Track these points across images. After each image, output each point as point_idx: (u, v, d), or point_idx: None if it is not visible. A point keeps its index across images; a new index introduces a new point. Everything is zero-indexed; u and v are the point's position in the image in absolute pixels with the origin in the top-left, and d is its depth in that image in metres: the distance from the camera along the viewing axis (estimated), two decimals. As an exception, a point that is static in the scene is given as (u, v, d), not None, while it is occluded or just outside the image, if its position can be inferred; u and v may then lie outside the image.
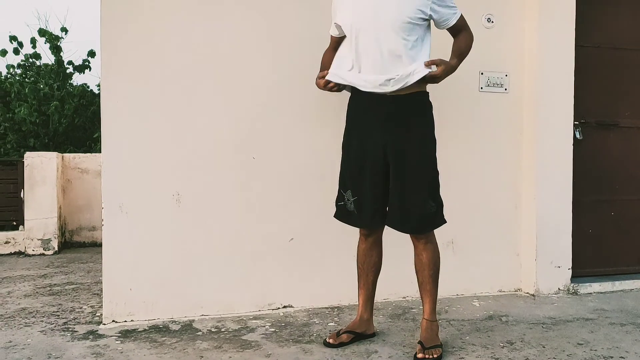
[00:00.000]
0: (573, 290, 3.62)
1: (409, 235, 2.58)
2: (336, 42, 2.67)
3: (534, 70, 3.56)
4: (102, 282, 3.06)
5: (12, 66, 11.62)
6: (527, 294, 3.60)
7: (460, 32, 2.60)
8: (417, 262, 2.61)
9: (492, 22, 3.56)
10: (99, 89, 11.50)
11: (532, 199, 3.57)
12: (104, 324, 2.99)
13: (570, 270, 3.62)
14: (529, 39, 3.60)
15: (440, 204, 2.55)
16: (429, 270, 2.58)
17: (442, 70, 2.46)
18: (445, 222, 2.58)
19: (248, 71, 3.17)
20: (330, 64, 2.63)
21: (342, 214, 2.66)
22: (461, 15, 2.56)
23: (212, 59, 3.12)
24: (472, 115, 3.53)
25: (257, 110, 3.18)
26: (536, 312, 3.22)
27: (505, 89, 3.61)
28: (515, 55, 3.62)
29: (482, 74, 3.55)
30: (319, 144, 3.25)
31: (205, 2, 3.10)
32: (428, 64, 2.45)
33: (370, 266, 2.71)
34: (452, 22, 2.55)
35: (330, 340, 2.64)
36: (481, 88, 3.56)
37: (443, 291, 2.85)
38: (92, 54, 11.60)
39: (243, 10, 3.16)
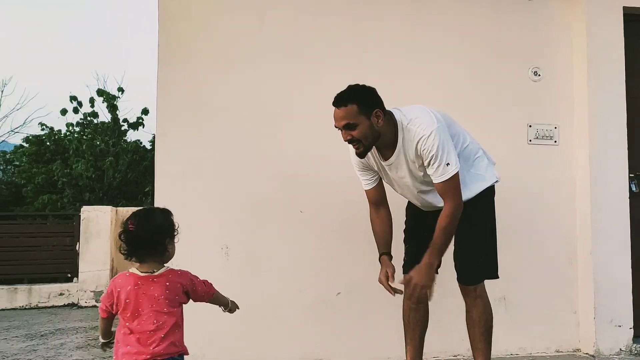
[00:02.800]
0: (636, 351, 3.40)
1: (459, 291, 2.54)
2: (374, 197, 2.66)
3: (585, 122, 3.50)
4: (151, 335, 3.09)
5: (72, 124, 12.27)
6: (587, 355, 3.41)
7: (443, 199, 2.41)
8: (467, 319, 2.55)
9: (539, 75, 3.55)
10: (151, 145, 11.97)
11: (588, 254, 3.44)
12: (153, 378, 2.99)
13: (632, 330, 3.42)
14: (578, 91, 3.56)
15: (492, 259, 2.56)
16: (479, 328, 2.52)
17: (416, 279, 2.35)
18: (497, 277, 2.57)
19: (296, 125, 3.25)
20: (385, 237, 2.62)
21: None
22: (447, 179, 2.35)
23: (261, 117, 3.22)
24: (521, 168, 3.47)
25: (304, 164, 3.23)
26: (597, 374, 3.04)
27: (555, 141, 3.55)
28: (565, 107, 3.58)
29: (530, 126, 3.52)
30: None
31: (254, 61, 3.23)
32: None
33: (416, 320, 2.66)
34: (435, 180, 2.39)
35: None
36: (530, 141, 3.52)
37: (496, 350, 2.74)
38: (145, 111, 12.16)
39: (290, 68, 3.27)
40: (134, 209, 7.45)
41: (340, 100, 2.38)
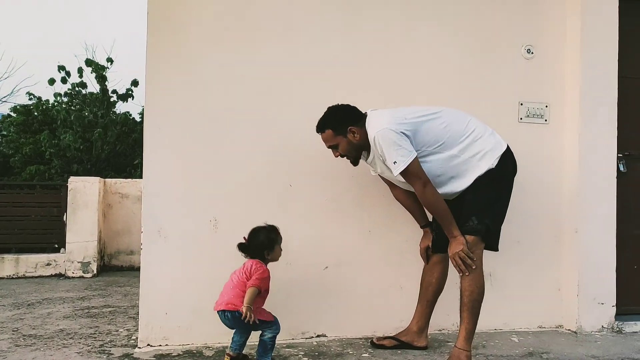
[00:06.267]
0: (617, 329, 3.47)
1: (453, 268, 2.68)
2: (387, 181, 3.02)
3: (576, 101, 3.50)
4: (138, 306, 3.09)
5: (60, 94, 12.10)
6: (569, 331, 3.47)
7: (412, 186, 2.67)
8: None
9: (532, 53, 3.53)
10: (140, 117, 11.85)
11: (574, 232, 3.47)
12: (139, 348, 3.01)
13: (615, 308, 3.48)
14: (570, 70, 3.55)
15: (485, 224, 2.68)
16: (464, 298, 2.65)
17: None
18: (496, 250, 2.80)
19: (288, 99, 3.22)
20: (417, 209, 3.01)
21: None
22: (404, 169, 2.57)
23: (252, 89, 3.18)
24: (511, 146, 3.47)
25: (295, 138, 3.21)
26: (578, 350, 3.10)
27: (546, 120, 3.56)
28: (556, 85, 3.58)
29: (521, 104, 3.52)
30: (358, 172, 3.25)
31: (246, 32, 3.18)
32: None
33: (427, 284, 2.99)
34: (394, 174, 2.63)
35: (374, 341, 3.04)
36: (520, 119, 3.52)
37: (480, 324, 2.78)
38: (135, 83, 12.01)
39: (281, 43, 3.23)
40: (123, 180, 7.40)
41: (318, 127, 2.79)
